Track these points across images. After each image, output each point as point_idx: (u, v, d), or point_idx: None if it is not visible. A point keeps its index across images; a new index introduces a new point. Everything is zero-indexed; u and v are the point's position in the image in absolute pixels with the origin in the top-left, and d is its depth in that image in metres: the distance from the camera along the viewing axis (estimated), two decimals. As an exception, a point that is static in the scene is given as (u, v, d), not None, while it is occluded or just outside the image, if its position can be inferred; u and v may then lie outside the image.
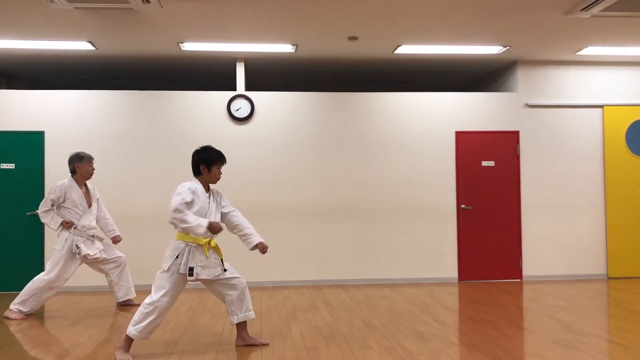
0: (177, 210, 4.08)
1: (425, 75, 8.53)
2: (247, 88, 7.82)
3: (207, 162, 4.34)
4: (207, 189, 4.41)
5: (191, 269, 4.19)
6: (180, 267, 4.19)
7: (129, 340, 4.17)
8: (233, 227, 4.49)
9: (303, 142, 7.52)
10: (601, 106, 7.79)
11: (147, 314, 4.12)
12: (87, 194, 5.86)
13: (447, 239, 7.60)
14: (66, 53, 6.98)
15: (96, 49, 6.80)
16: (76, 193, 5.72)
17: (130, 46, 6.76)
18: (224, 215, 4.46)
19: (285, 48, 6.88)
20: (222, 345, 4.53)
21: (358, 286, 7.25)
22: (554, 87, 7.78)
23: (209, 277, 4.28)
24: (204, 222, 4.11)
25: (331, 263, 7.42)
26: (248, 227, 4.47)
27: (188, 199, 4.16)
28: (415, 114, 7.66)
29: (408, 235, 7.56)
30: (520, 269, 7.66)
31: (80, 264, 5.78)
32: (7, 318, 5.54)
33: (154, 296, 4.14)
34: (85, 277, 6.91)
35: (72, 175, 5.77)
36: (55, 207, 5.70)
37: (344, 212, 7.46)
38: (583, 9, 5.45)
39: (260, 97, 7.49)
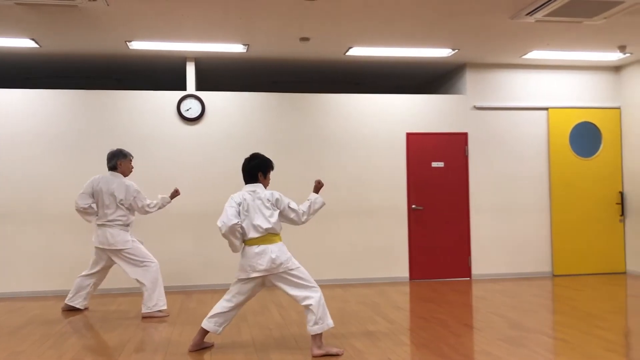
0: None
1: (378, 77, 8.61)
2: (198, 88, 7.72)
3: (264, 169, 4.48)
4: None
5: None
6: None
7: (320, 336, 4.21)
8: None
9: (255, 143, 7.46)
10: (546, 109, 8.03)
11: (324, 305, 4.27)
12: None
13: (398, 239, 7.69)
14: (8, 50, 6.75)
15: (40, 46, 6.60)
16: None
17: (76, 44, 6.58)
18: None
19: (236, 48, 6.82)
20: (171, 348, 4.45)
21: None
22: (501, 89, 7.97)
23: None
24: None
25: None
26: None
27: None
28: (367, 115, 7.72)
29: (360, 235, 7.61)
30: (469, 268, 7.81)
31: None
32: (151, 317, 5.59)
33: (318, 288, 4.34)
34: (27, 283, 6.68)
35: (111, 171, 5.74)
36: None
37: (296, 213, 7.44)
38: (528, 13, 5.60)
39: (211, 97, 7.41)
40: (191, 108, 7.31)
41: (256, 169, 4.43)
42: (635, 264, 7.93)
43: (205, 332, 4.40)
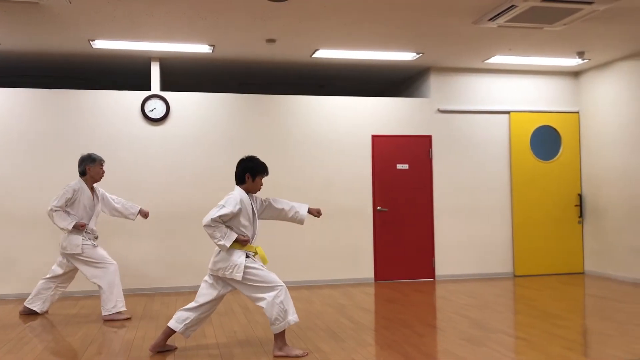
0: (210, 223, 4.12)
1: (344, 79, 8.66)
2: (163, 88, 7.64)
3: (252, 172, 4.36)
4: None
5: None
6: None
7: (283, 334, 4.21)
8: (278, 214, 4.50)
9: (221, 144, 7.43)
10: (508, 112, 8.19)
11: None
12: (94, 196, 5.70)
13: (363, 240, 7.74)
14: (-35, 47, 6.58)
15: (0, 44, 6.45)
16: (87, 195, 5.58)
17: (37, 42, 6.45)
18: (263, 211, 4.47)
19: (202, 48, 6.78)
20: (134, 352, 4.40)
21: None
22: (464, 93, 8.10)
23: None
24: (229, 241, 4.16)
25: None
26: (288, 203, 4.52)
27: (230, 212, 4.15)
28: (333, 117, 7.75)
29: (325, 236, 7.63)
30: (433, 269, 7.91)
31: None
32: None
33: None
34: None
35: (81, 177, 5.61)
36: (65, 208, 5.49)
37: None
38: (490, 19, 5.71)
39: (176, 98, 7.34)
40: (156, 108, 7.23)
41: (244, 171, 4.38)
42: (593, 264, 8.14)
43: (170, 333, 4.35)
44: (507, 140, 8.19)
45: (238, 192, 4.31)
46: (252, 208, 4.37)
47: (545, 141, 8.30)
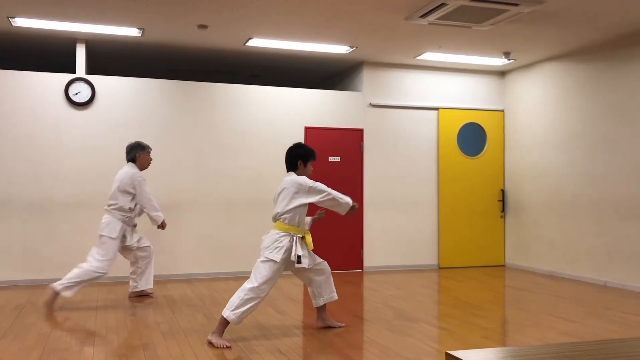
0: (328, 190, 4.51)
1: (280, 70, 8.61)
2: (89, 72, 7.36)
3: (304, 158, 4.62)
4: None
5: (299, 257, 4.37)
6: (290, 256, 4.35)
7: (225, 324, 4.27)
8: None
9: (149, 131, 7.24)
10: (437, 109, 8.39)
11: (248, 300, 4.28)
12: None
13: (293, 232, 7.73)
14: None
15: None
16: None
17: (-50, 17, 6.06)
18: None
19: (131, 32, 6.57)
20: (49, 345, 4.22)
21: (203, 280, 7.15)
22: (396, 88, 8.23)
23: (310, 266, 4.49)
24: (350, 199, 4.55)
25: (175, 257, 7.23)
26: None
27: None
28: (266, 107, 7.70)
29: (257, 228, 7.57)
30: (361, 260, 8.02)
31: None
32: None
33: (255, 283, 4.32)
34: None
35: (130, 163, 5.76)
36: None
37: (191, 204, 7.30)
38: (421, 16, 5.81)
39: (102, 82, 7.09)
40: (80, 92, 6.95)
41: (296, 157, 4.61)
42: (513, 257, 8.49)
43: (324, 309, 4.73)
44: (436, 136, 8.39)
45: (296, 176, 4.55)
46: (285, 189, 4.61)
47: (472, 138, 8.57)
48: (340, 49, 7.32)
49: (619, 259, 6.75)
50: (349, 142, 8.05)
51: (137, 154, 5.77)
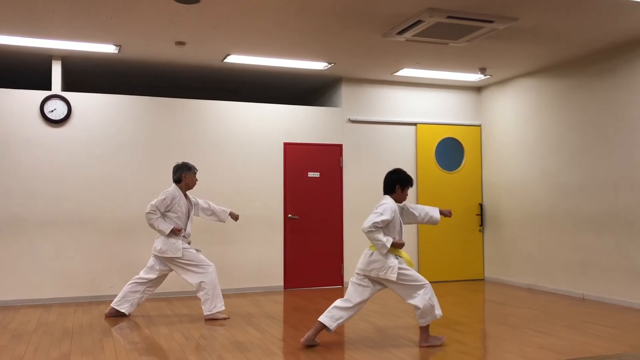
0: (373, 227, 4.60)
1: (258, 86, 8.62)
2: (65, 88, 7.29)
3: (402, 183, 4.84)
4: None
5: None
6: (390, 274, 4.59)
7: (428, 327, 4.70)
8: (415, 218, 5.03)
9: (126, 148, 7.17)
10: (415, 124, 8.45)
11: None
12: (188, 202, 5.93)
13: (273, 248, 7.71)
14: None
15: None
16: (182, 201, 5.83)
17: None
18: (403, 216, 4.93)
19: (107, 48, 6.52)
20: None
21: (182, 299, 7.07)
22: (374, 104, 8.28)
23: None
24: (389, 243, 4.60)
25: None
26: (422, 208, 5.07)
27: (388, 218, 4.62)
28: (245, 123, 7.69)
29: (235, 244, 7.53)
30: (342, 276, 8.00)
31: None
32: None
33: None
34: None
35: (176, 184, 5.86)
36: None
37: (168, 221, 7.22)
38: (398, 32, 5.87)
39: (78, 99, 7.02)
40: (56, 109, 6.87)
41: (394, 182, 4.85)
42: (491, 271, 8.53)
43: (322, 328, 4.67)
44: (414, 151, 8.44)
45: (391, 201, 4.77)
46: (398, 215, 4.77)
47: (449, 153, 8.63)
48: (318, 65, 7.35)
49: (596, 271, 6.82)
50: (328, 157, 8.06)
51: (183, 174, 5.86)
